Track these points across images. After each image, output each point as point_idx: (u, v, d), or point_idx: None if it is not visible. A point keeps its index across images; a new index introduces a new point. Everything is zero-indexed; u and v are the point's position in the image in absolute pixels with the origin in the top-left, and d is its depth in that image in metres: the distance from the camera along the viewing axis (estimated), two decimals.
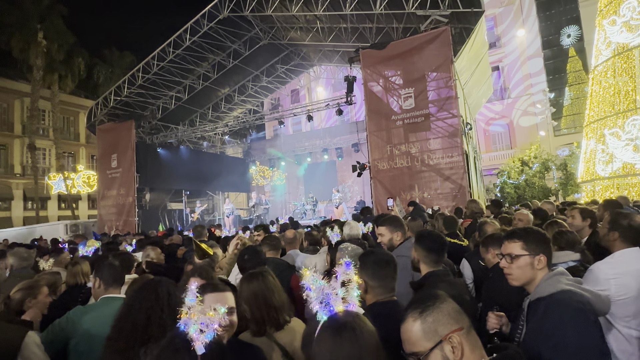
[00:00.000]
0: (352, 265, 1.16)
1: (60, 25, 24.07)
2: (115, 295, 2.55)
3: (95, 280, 2.61)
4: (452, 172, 10.14)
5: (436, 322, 1.08)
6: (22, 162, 27.20)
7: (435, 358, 1.07)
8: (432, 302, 1.12)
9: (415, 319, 1.11)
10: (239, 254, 2.98)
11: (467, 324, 1.11)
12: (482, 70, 13.50)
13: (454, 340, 1.07)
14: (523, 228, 1.86)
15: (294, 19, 14.45)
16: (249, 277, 2.13)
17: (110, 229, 15.09)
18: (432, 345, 1.06)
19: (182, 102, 17.83)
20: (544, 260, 1.71)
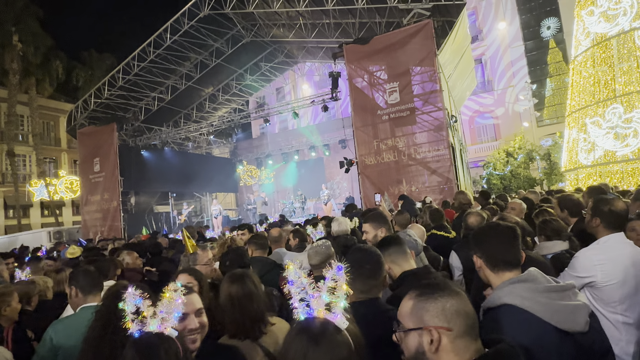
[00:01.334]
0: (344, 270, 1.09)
1: (36, 27, 23.42)
2: (95, 304, 2.39)
3: (70, 289, 2.45)
4: (439, 165, 10.18)
5: (424, 309, 1.09)
6: (1, 169, 26.42)
7: (412, 340, 1.09)
8: (432, 291, 1.12)
9: (410, 297, 1.14)
10: (221, 258, 2.90)
11: (462, 329, 1.07)
12: (465, 63, 13.59)
13: (434, 335, 1.06)
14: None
15: (276, 16, 14.32)
16: (228, 279, 2.05)
17: (95, 234, 14.78)
18: (413, 327, 1.09)
19: (165, 103, 17.54)
20: (478, 261, 1.63)
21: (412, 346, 1.09)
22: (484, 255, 1.62)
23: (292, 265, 1.11)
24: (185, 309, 1.52)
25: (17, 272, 3.70)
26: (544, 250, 2.84)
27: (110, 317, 1.82)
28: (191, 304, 1.62)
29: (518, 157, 19.17)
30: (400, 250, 2.20)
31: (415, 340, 1.08)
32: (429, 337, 1.06)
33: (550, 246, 2.85)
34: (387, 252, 2.17)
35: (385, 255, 2.18)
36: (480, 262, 1.64)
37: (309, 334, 1.01)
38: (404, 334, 1.11)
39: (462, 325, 1.07)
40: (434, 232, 4.29)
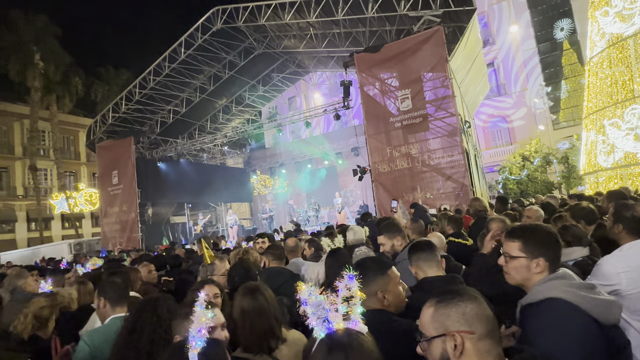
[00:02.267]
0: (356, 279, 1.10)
1: (56, 46, 24.28)
2: (123, 315, 2.43)
3: (99, 300, 2.50)
4: (454, 171, 10.10)
5: (445, 315, 1.11)
6: (24, 183, 27.29)
7: (435, 347, 1.11)
8: (452, 297, 1.14)
9: (430, 305, 1.16)
10: (228, 274, 2.92)
11: (483, 332, 1.08)
12: (477, 67, 13.52)
13: (457, 339, 1.07)
14: (526, 226, 1.73)
15: (287, 27, 14.53)
16: (241, 292, 2.06)
17: (114, 245, 15.06)
18: (436, 335, 1.10)
19: (180, 115, 17.88)
20: (543, 265, 1.57)
21: (437, 354, 1.10)
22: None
23: (303, 285, 1.11)
24: (214, 322, 1.57)
25: (42, 284, 3.80)
26: (564, 257, 2.79)
27: (135, 327, 1.88)
28: (218, 317, 1.67)
29: (535, 161, 18.84)
30: (426, 256, 2.19)
31: (439, 347, 1.10)
32: (453, 342, 1.07)
33: (570, 252, 2.79)
34: (413, 257, 2.18)
35: (412, 260, 2.18)
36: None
37: (338, 348, 1.01)
38: (427, 343, 1.12)
39: (484, 329, 1.09)
40: (451, 239, 4.25)
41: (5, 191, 26.52)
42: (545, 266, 1.57)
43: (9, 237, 26.00)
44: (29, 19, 23.51)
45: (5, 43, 22.55)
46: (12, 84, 24.08)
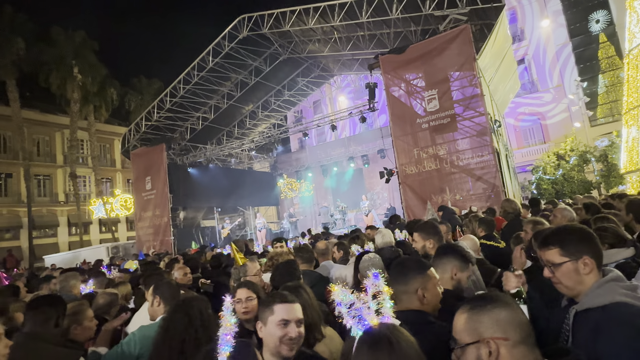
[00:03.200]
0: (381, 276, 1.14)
1: (93, 59, 25.54)
2: None
3: (154, 298, 2.57)
4: (484, 171, 9.84)
5: (479, 322, 1.11)
6: (65, 190, 28.81)
7: (470, 354, 1.10)
8: (484, 303, 1.14)
9: (463, 312, 1.16)
10: (273, 269, 2.99)
11: (518, 338, 1.08)
12: (507, 65, 13.14)
13: (492, 346, 1.07)
14: (558, 229, 1.65)
15: (312, 32, 14.66)
16: (284, 290, 2.14)
17: (149, 248, 15.61)
18: (470, 341, 1.10)
19: (208, 122, 18.38)
20: (591, 263, 1.49)
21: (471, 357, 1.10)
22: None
23: (335, 287, 1.16)
24: (288, 316, 1.64)
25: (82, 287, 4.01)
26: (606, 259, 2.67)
27: (169, 326, 1.97)
28: (293, 312, 1.70)
29: (570, 160, 18.04)
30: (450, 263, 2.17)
31: (474, 354, 1.09)
32: (487, 348, 1.07)
33: (612, 254, 2.67)
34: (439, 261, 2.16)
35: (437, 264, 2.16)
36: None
37: (381, 341, 1.05)
38: (461, 350, 1.12)
39: (518, 335, 1.08)
40: (483, 242, 4.15)
41: (48, 197, 28.10)
42: (593, 264, 1.50)
43: (52, 240, 27.50)
44: (68, 35, 24.89)
45: (48, 58, 23.95)
46: (54, 97, 25.54)
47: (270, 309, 1.69)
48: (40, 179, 27.84)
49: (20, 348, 2.09)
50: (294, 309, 1.71)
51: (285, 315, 1.67)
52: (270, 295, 1.79)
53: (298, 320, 1.69)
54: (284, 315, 1.67)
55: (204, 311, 2.00)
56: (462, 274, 2.11)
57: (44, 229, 27.42)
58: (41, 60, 23.83)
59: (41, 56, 23.76)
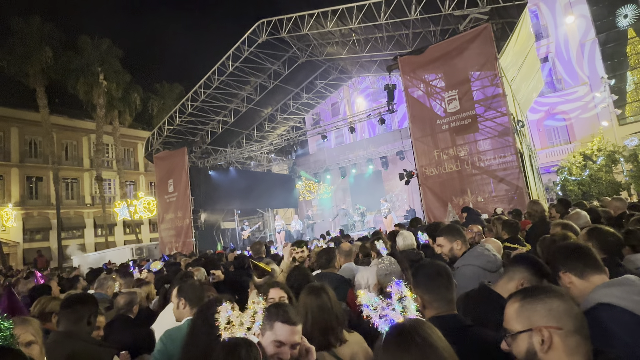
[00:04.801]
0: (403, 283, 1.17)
1: (117, 65, 26.36)
2: None
3: (179, 299, 2.58)
4: (507, 172, 9.64)
5: (532, 310, 1.12)
6: (92, 192, 29.79)
7: (522, 342, 1.11)
8: (538, 293, 1.15)
9: (515, 301, 1.18)
10: (287, 277, 3.02)
11: (572, 328, 1.08)
12: (530, 63, 12.84)
13: (544, 334, 1.08)
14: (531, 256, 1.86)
15: (330, 35, 14.71)
16: (306, 290, 2.18)
17: (171, 250, 15.95)
18: (521, 330, 1.11)
19: (228, 125, 18.66)
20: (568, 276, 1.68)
21: (523, 349, 1.11)
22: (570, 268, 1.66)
23: (362, 291, 1.19)
24: (284, 338, 1.64)
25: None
26: (632, 264, 2.58)
27: (195, 325, 2.03)
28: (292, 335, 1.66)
29: (598, 160, 17.44)
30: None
31: (526, 342, 1.11)
32: (540, 337, 1.08)
33: (637, 259, 2.59)
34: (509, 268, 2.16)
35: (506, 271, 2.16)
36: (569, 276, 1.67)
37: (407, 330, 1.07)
38: (512, 338, 1.13)
39: (572, 325, 1.08)
40: (507, 245, 4.08)
41: (76, 200, 29.10)
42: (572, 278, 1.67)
43: (79, 242, 28.44)
44: (94, 43, 25.78)
45: (75, 66, 24.87)
46: (81, 103, 26.48)
47: (270, 324, 1.65)
48: (68, 182, 28.88)
49: (57, 347, 2.12)
50: (294, 332, 1.66)
51: (281, 338, 1.64)
52: (276, 307, 1.73)
53: (294, 344, 1.66)
54: (280, 337, 1.64)
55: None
56: None
57: (72, 231, 28.41)
58: (69, 67, 24.75)
59: (69, 64, 24.68)
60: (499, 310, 1.87)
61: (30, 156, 27.20)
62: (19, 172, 26.29)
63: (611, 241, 2.40)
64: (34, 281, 5.60)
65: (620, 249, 2.49)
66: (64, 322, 2.35)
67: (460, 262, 2.80)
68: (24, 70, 23.33)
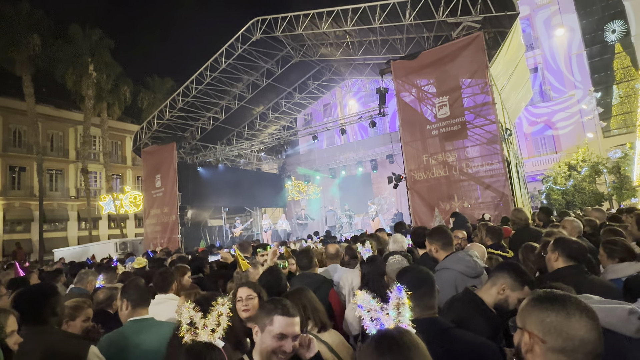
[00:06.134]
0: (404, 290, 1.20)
1: (108, 57, 25.94)
2: (142, 317, 2.47)
3: (122, 301, 2.52)
4: (493, 180, 9.79)
5: (528, 313, 1.16)
6: (76, 185, 29.26)
7: (517, 334, 1.18)
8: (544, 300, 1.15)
9: (528, 299, 1.21)
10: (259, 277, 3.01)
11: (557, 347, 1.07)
12: (519, 73, 13.06)
13: (525, 338, 1.13)
14: None
15: (324, 36, 14.74)
16: (290, 295, 2.21)
17: (156, 246, 15.74)
18: (519, 325, 1.18)
19: (219, 122, 18.53)
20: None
21: (516, 340, 1.18)
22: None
23: (360, 292, 1.21)
24: (286, 330, 1.65)
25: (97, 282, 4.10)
26: (613, 274, 2.64)
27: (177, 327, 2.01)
28: (292, 327, 1.69)
29: (582, 171, 17.82)
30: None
31: (518, 336, 1.18)
32: (526, 338, 1.14)
33: (621, 268, 2.65)
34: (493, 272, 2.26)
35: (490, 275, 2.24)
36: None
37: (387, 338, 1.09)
38: (513, 327, 1.22)
39: (559, 343, 1.07)
40: (490, 251, 4.14)
41: (60, 192, 28.53)
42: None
43: (62, 234, 27.90)
44: (85, 33, 25.32)
45: (64, 55, 24.37)
46: (69, 93, 25.97)
47: (269, 318, 1.66)
48: (53, 173, 28.31)
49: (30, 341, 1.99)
50: (293, 323, 1.69)
51: (283, 330, 1.65)
52: (272, 302, 1.74)
53: (295, 335, 1.68)
54: (282, 330, 1.65)
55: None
56: (512, 293, 2.06)
57: (55, 223, 27.85)
58: (58, 57, 24.26)
59: (58, 53, 24.19)
60: (480, 314, 1.91)
61: (14, 145, 26.58)
62: (1, 161, 25.66)
63: (575, 248, 2.49)
64: (13, 273, 5.46)
65: (586, 256, 2.56)
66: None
67: (439, 266, 2.84)
68: (10, 57, 22.76)
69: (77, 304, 2.67)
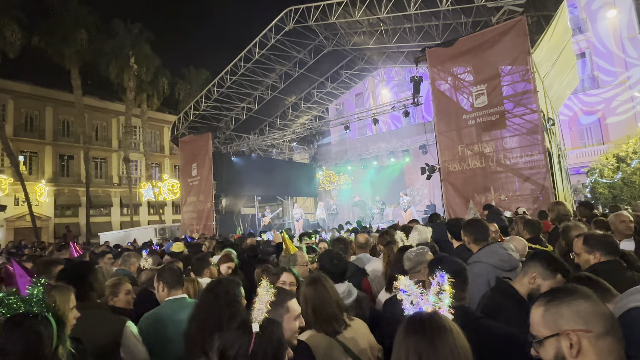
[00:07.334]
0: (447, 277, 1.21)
1: (148, 50, 26.91)
2: (177, 297, 2.72)
3: (158, 284, 2.79)
4: (533, 172, 9.38)
5: (558, 314, 1.08)
6: (119, 173, 30.83)
7: (549, 347, 1.07)
8: (562, 295, 1.11)
9: (539, 305, 1.14)
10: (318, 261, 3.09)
11: (602, 330, 1.04)
12: (565, 59, 12.32)
13: (572, 338, 1.04)
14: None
15: (357, 24, 14.53)
16: (305, 281, 2.28)
17: (192, 232, 16.38)
18: (549, 334, 1.07)
19: (252, 112, 18.83)
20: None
21: (551, 354, 1.07)
22: None
23: (402, 277, 1.23)
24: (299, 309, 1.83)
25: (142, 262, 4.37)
26: None
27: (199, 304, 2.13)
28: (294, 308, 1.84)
29: (632, 163, 16.68)
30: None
31: (554, 348, 1.07)
32: (568, 341, 1.04)
33: None
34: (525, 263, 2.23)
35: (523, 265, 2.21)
36: None
37: (422, 320, 1.11)
38: (539, 344, 1.10)
39: (602, 326, 1.03)
40: (527, 245, 4.00)
41: (104, 179, 30.20)
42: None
43: (106, 219, 29.60)
44: (127, 26, 26.37)
45: (108, 49, 25.56)
46: (111, 85, 27.27)
47: (284, 306, 1.77)
48: (98, 161, 29.96)
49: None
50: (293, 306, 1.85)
51: (297, 311, 1.83)
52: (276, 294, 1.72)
53: (297, 315, 1.84)
54: (296, 311, 1.82)
55: (231, 291, 2.11)
56: (544, 282, 2.03)
57: (100, 208, 29.56)
58: (102, 50, 25.45)
59: (102, 47, 25.37)
60: (514, 303, 1.89)
61: (63, 135, 28.31)
62: (52, 150, 27.44)
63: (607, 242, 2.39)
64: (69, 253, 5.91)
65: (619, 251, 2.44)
66: None
67: (472, 259, 2.80)
68: (60, 51, 24.12)
69: (115, 282, 2.99)
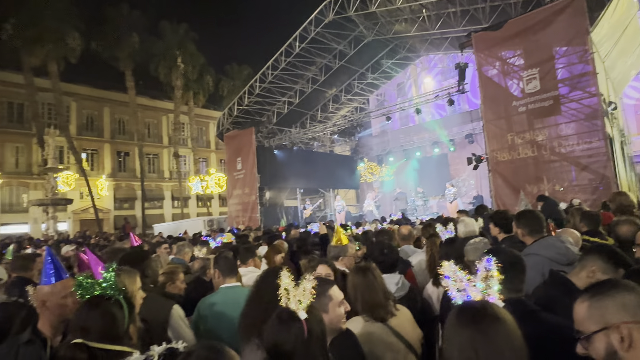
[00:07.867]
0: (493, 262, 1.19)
1: (193, 49, 28.03)
2: (232, 285, 2.87)
3: (214, 271, 2.98)
4: (592, 160, 8.73)
5: (604, 308, 1.06)
6: (169, 167, 32.56)
7: (599, 342, 1.05)
8: (605, 289, 1.10)
9: (583, 300, 1.12)
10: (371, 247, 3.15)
11: None
12: (629, 37, 11.25)
13: (622, 331, 1.02)
14: None
15: (399, 12, 14.18)
16: (354, 270, 2.35)
17: (238, 223, 16.99)
18: (596, 329, 1.06)
19: (294, 106, 19.06)
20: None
21: (601, 350, 1.05)
22: None
23: (446, 263, 1.23)
24: (342, 294, 1.86)
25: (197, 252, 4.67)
26: None
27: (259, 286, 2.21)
28: (337, 295, 1.87)
29: None
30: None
31: (603, 343, 1.05)
32: (618, 334, 1.02)
33: None
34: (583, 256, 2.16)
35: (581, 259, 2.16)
36: None
37: (473, 311, 1.10)
38: (586, 340, 1.08)
39: None
40: (585, 238, 3.77)
41: (156, 174, 32.05)
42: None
43: (159, 212, 31.45)
44: (173, 28, 27.59)
45: (157, 50, 26.93)
46: (160, 84, 28.75)
47: (327, 295, 1.78)
48: (150, 157, 31.81)
49: None
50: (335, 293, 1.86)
51: (340, 296, 1.84)
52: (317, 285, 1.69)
53: (340, 301, 1.86)
54: (340, 297, 1.83)
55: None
56: (603, 276, 1.94)
57: (153, 201, 31.45)
58: (151, 52, 26.85)
59: (151, 48, 26.77)
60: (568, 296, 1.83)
61: (120, 133, 30.33)
62: (110, 147, 29.52)
63: None
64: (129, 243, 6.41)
65: None
66: None
67: (526, 251, 2.70)
68: (114, 54, 25.77)
69: (171, 270, 3.24)
